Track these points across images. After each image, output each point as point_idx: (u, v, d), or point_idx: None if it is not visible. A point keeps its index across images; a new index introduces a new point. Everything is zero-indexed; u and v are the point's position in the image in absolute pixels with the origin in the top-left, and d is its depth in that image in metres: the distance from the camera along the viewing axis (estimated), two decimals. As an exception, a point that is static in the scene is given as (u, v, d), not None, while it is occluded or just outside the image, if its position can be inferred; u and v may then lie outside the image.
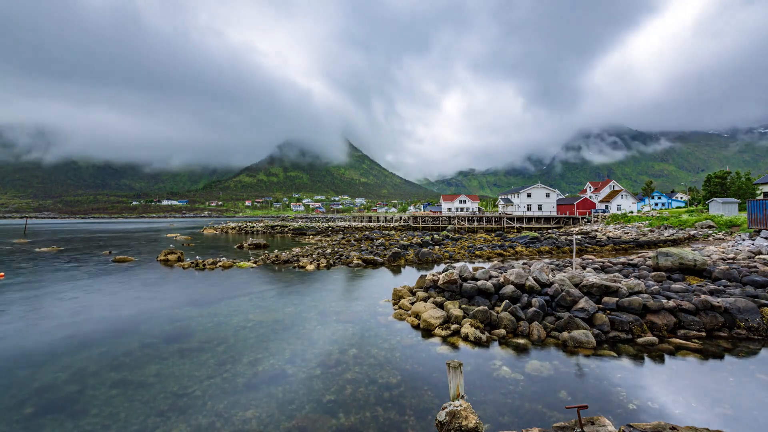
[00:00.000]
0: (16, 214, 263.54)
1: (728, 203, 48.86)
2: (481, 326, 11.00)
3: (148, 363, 9.36)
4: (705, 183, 75.16)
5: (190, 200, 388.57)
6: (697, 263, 16.57)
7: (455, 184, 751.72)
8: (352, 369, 8.92)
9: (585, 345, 9.93)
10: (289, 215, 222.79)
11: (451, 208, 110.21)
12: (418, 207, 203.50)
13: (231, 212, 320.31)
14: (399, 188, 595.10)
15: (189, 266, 25.40)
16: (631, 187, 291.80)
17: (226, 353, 9.95)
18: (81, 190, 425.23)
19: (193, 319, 13.18)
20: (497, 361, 9.21)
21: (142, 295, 16.93)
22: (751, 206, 28.28)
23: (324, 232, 61.56)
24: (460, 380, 6.45)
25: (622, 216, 61.13)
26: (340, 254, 29.28)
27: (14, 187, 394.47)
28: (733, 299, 11.56)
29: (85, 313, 14.04)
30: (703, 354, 9.51)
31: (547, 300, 12.35)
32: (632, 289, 12.42)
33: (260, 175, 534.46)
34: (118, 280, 20.95)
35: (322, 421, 6.77)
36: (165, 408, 7.23)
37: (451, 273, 14.28)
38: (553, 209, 79.88)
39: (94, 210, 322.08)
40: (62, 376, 8.70)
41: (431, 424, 6.57)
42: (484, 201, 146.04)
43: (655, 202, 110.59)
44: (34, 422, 6.82)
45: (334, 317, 13.24)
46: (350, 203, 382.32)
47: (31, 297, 16.79)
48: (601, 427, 5.35)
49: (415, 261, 27.44)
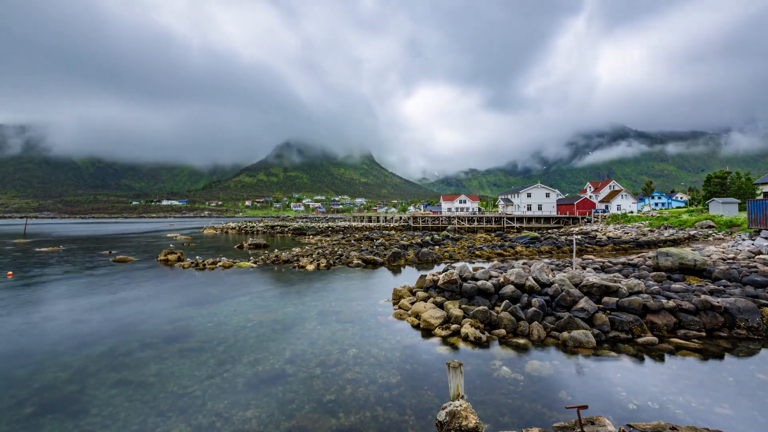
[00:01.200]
0: (16, 214, 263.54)
1: (728, 203, 48.88)
2: (481, 326, 11.00)
3: (148, 363, 9.36)
4: (705, 183, 75.17)
5: (190, 200, 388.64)
6: (697, 263, 16.57)
7: (455, 184, 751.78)
8: (352, 369, 8.93)
9: (585, 345, 9.93)
10: (289, 215, 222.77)
11: (451, 208, 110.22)
12: (418, 207, 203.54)
13: (231, 212, 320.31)
14: (399, 188, 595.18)
15: (189, 266, 25.41)
16: (631, 187, 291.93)
17: (226, 353, 9.95)
18: (81, 190, 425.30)
19: (193, 318, 13.18)
20: (497, 361, 9.21)
21: (142, 295, 16.93)
22: (751, 206, 28.28)
23: (324, 232, 61.57)
24: (460, 380, 6.45)
25: (622, 216, 61.12)
26: (340, 254, 29.28)
27: (14, 187, 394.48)
28: (733, 299, 11.56)
29: (85, 313, 14.04)
30: (703, 354, 9.51)
31: (547, 300, 12.35)
32: (632, 289, 12.42)
33: (260, 175, 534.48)
34: (118, 280, 20.95)
35: (322, 421, 6.77)
36: (165, 408, 7.23)
37: (451, 273, 14.28)
38: (553, 209, 79.87)
39: (94, 210, 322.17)
40: (62, 375, 8.71)
41: (431, 424, 6.57)
42: (484, 201, 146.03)
43: (655, 202, 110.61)
44: (35, 422, 6.82)
45: (334, 317, 13.24)
46: (350, 203, 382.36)
47: (31, 296, 16.79)
48: (601, 427, 5.35)
49: (415, 261, 27.44)
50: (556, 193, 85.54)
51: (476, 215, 73.19)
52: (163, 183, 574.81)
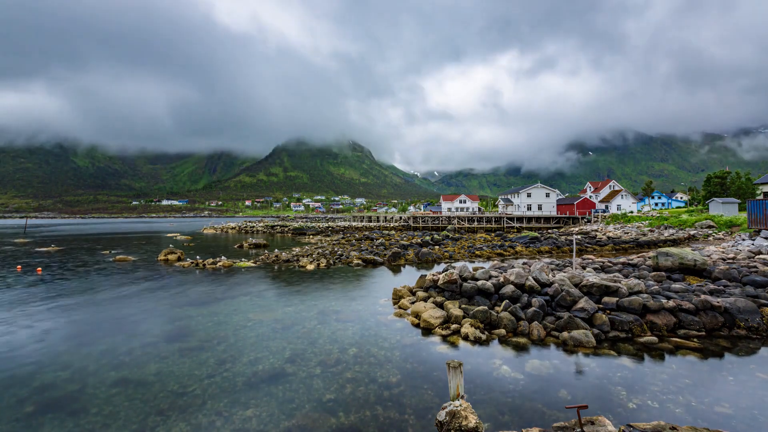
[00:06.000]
0: (16, 214, 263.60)
1: (728, 203, 48.89)
2: (481, 326, 11.01)
3: (149, 362, 9.36)
4: (705, 183, 75.17)
5: (190, 200, 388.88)
6: (697, 263, 16.57)
7: (455, 184, 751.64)
8: (352, 368, 8.93)
9: (585, 344, 9.94)
10: (289, 215, 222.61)
11: (451, 208, 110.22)
12: (418, 207, 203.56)
13: (231, 212, 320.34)
14: (399, 188, 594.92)
15: (189, 266, 25.41)
16: (631, 187, 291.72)
17: (226, 352, 9.96)
18: (81, 190, 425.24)
19: (193, 318, 13.19)
20: (497, 361, 9.21)
21: (142, 295, 16.94)
22: (751, 206, 28.29)
23: (324, 232, 61.57)
24: (460, 380, 6.45)
25: (622, 216, 61.11)
26: (340, 254, 29.28)
27: (14, 187, 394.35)
28: (733, 299, 11.56)
29: (85, 312, 14.05)
30: (703, 353, 9.51)
31: (547, 300, 12.35)
32: (632, 289, 12.42)
33: (260, 174, 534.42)
34: (118, 279, 20.95)
35: (322, 420, 6.77)
36: (165, 407, 7.23)
37: (451, 273, 14.28)
38: (553, 209, 79.87)
39: (94, 210, 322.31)
40: (62, 374, 8.71)
41: (431, 424, 6.57)
42: (484, 201, 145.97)
43: (655, 202, 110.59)
44: (35, 421, 6.82)
45: (334, 316, 13.24)
46: (350, 203, 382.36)
47: (31, 296, 16.79)
48: (601, 427, 5.35)
49: (415, 261, 27.44)
50: (556, 193, 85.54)
51: (476, 215, 73.20)
52: (163, 183, 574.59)
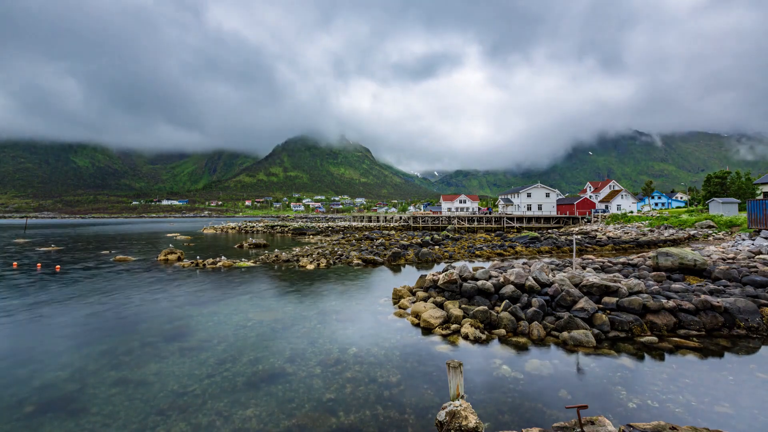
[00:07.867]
0: (16, 213, 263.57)
1: (728, 203, 48.87)
2: (481, 326, 11.01)
3: (149, 362, 9.36)
4: (705, 183, 75.13)
5: (190, 200, 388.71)
6: (697, 263, 16.58)
7: (455, 184, 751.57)
8: (352, 368, 8.93)
9: (585, 344, 9.93)
10: (289, 215, 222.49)
11: (451, 208, 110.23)
12: (418, 207, 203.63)
13: (231, 212, 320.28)
14: (399, 188, 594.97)
15: (189, 266, 25.41)
16: (631, 187, 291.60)
17: (226, 352, 9.95)
18: (81, 190, 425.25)
19: (193, 318, 13.19)
20: (497, 360, 9.21)
21: (142, 294, 16.93)
22: (751, 206, 28.28)
23: (324, 232, 61.56)
24: (460, 380, 6.45)
25: (622, 216, 61.10)
26: (340, 254, 29.27)
27: (14, 187, 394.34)
28: (733, 299, 11.56)
29: (85, 312, 14.04)
30: (703, 353, 9.51)
31: (547, 300, 12.35)
32: (632, 289, 12.42)
33: (260, 175, 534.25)
34: (118, 279, 20.95)
35: (322, 420, 6.77)
36: (165, 407, 7.23)
37: (451, 273, 14.28)
38: (553, 209, 79.86)
39: (94, 210, 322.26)
40: (62, 374, 8.71)
41: (431, 423, 6.57)
42: (484, 201, 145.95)
43: (655, 202, 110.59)
44: (35, 421, 6.82)
45: (333, 316, 13.24)
46: (350, 203, 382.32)
47: (31, 295, 16.78)
48: (601, 427, 5.35)
49: (415, 261, 27.44)
50: (556, 193, 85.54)
51: (476, 215, 73.19)
52: (163, 183, 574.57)
